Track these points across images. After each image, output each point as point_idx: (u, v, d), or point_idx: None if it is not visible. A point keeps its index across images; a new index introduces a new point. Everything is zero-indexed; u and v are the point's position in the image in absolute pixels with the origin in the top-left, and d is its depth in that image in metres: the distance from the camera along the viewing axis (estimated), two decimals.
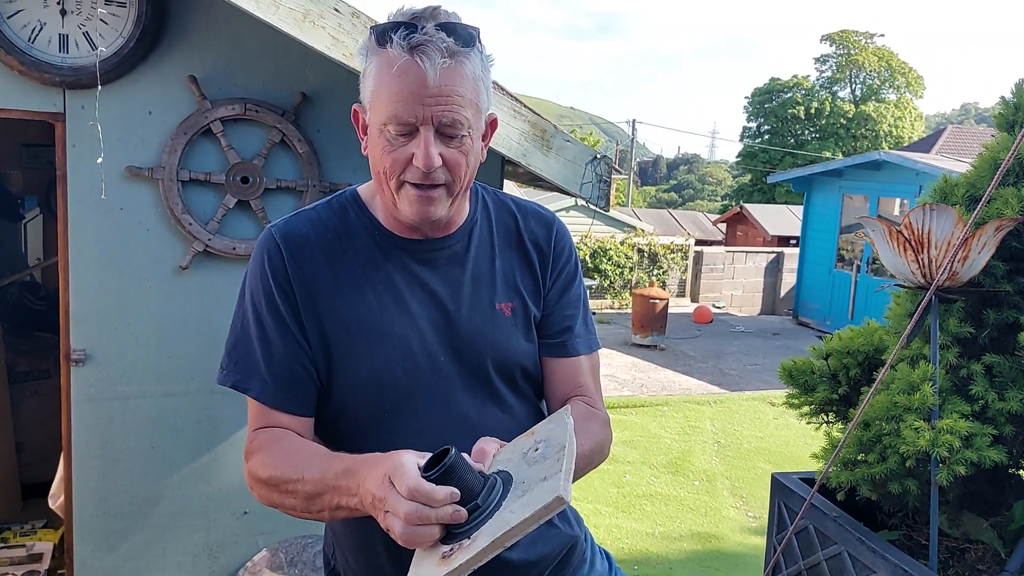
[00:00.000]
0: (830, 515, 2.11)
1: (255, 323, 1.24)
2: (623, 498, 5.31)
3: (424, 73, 1.09)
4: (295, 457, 1.15)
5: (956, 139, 22.04)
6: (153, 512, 2.96)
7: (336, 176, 2.99)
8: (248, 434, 1.25)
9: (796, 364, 2.41)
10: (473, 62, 1.14)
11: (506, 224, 1.36)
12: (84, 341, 2.80)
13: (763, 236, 20.11)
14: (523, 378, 1.34)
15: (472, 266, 1.30)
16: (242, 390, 1.24)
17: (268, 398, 1.22)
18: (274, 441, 1.20)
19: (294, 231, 1.27)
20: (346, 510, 1.09)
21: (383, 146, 1.15)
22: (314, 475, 1.10)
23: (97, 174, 2.73)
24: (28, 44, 2.60)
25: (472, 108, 1.15)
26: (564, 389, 1.36)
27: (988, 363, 2.00)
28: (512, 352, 1.31)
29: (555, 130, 2.89)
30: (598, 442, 1.31)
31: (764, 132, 37.01)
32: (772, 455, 6.35)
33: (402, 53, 1.09)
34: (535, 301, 1.35)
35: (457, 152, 1.15)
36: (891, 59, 36.70)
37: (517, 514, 0.94)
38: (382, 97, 1.13)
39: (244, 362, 1.24)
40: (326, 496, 1.09)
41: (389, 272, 1.26)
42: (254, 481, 1.20)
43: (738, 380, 9.23)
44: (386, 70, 1.12)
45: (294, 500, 1.13)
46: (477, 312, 1.29)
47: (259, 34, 2.79)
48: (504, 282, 1.32)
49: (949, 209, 1.82)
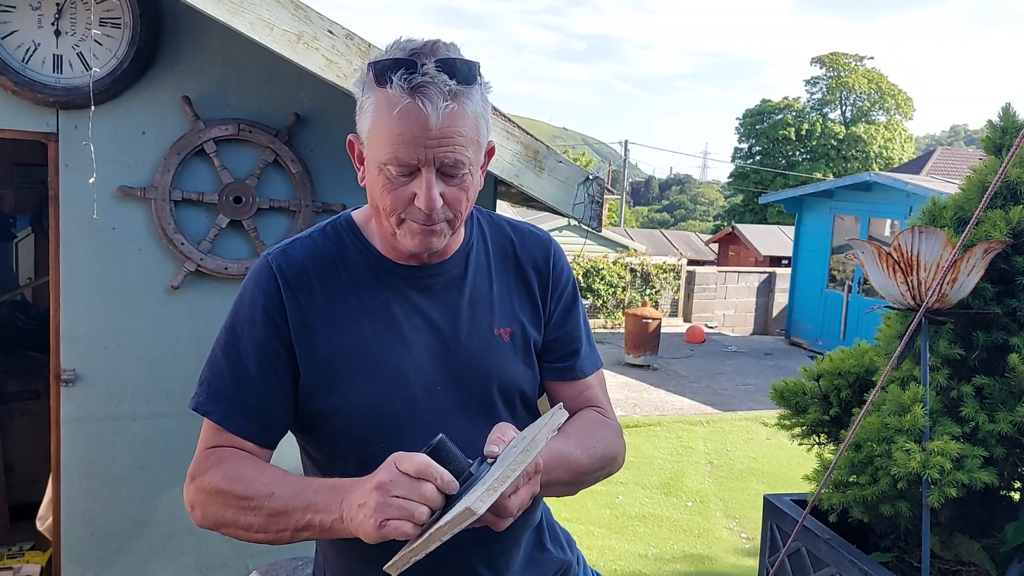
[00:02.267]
0: (823, 537, 2.11)
1: (234, 349, 1.22)
2: (616, 519, 5.29)
3: (426, 116, 1.07)
4: (264, 474, 1.13)
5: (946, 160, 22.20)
6: (142, 534, 2.93)
7: (329, 196, 3.00)
8: (197, 453, 1.22)
9: (788, 385, 2.42)
10: (474, 100, 1.12)
11: (503, 247, 1.35)
12: (75, 361, 2.79)
13: (755, 256, 20.19)
14: (522, 403, 1.33)
15: (470, 291, 1.29)
16: (203, 412, 1.22)
17: (229, 423, 1.20)
18: (235, 458, 1.18)
19: (291, 259, 1.25)
20: (312, 530, 1.07)
21: (383, 184, 1.14)
22: (286, 491, 1.09)
23: (90, 194, 2.73)
24: (22, 64, 2.61)
25: (473, 146, 1.14)
26: (575, 407, 1.36)
27: (978, 385, 2.00)
28: (512, 377, 1.30)
29: (548, 151, 2.90)
30: (611, 450, 1.30)
31: (755, 153, 37.25)
32: (765, 475, 6.34)
33: (403, 95, 1.07)
34: (534, 324, 1.34)
35: (458, 189, 1.15)
36: (881, 81, 37.05)
37: (442, 520, 0.94)
38: (382, 138, 1.11)
39: (212, 385, 1.22)
40: (295, 514, 1.07)
41: (386, 300, 1.24)
42: (207, 495, 1.16)
43: (731, 400, 9.22)
44: (386, 111, 1.10)
45: (253, 518, 1.11)
46: (475, 338, 1.27)
47: (253, 55, 2.81)
48: (502, 306, 1.31)
49: (938, 231, 1.83)
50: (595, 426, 1.30)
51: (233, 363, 1.22)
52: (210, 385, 1.22)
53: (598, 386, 1.40)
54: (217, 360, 1.23)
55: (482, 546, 1.24)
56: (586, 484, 1.26)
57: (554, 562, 1.39)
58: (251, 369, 1.21)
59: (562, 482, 1.19)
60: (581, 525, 5.09)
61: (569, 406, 1.33)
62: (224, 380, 1.22)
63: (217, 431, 1.21)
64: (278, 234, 2.96)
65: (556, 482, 1.17)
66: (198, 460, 1.21)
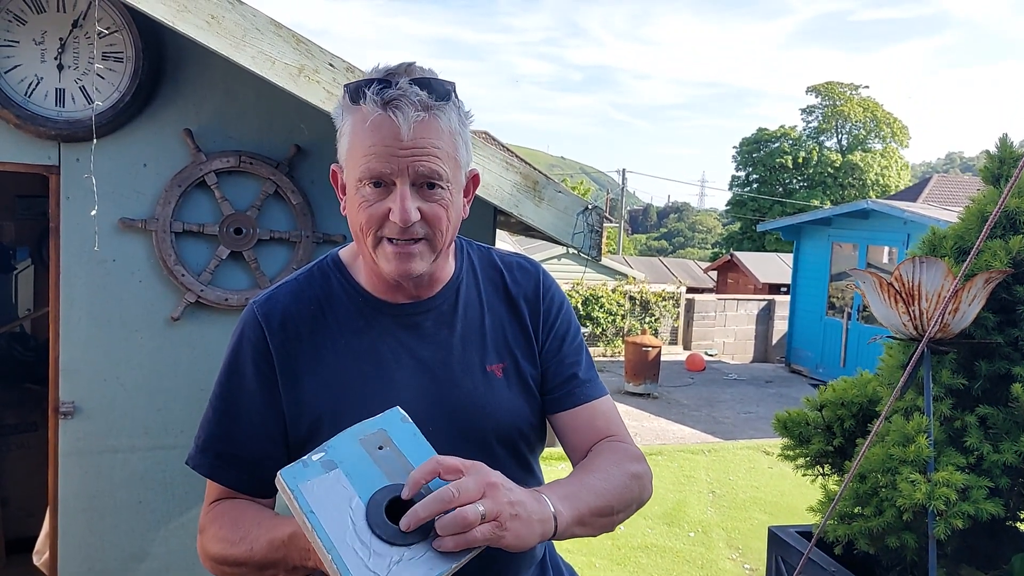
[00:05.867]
0: (828, 570, 2.09)
1: (223, 400, 1.22)
2: (617, 550, 5.24)
3: (398, 127, 1.07)
4: (243, 527, 1.13)
5: (942, 187, 22.32)
6: (139, 568, 2.90)
7: (329, 227, 3.00)
8: (203, 508, 1.23)
9: (790, 415, 2.40)
10: (449, 116, 1.11)
11: (493, 280, 1.33)
12: (74, 393, 2.77)
13: (754, 284, 20.20)
14: (522, 442, 1.29)
15: (461, 327, 1.26)
16: (193, 467, 1.22)
17: (222, 478, 1.20)
18: (225, 513, 1.18)
19: (276, 306, 1.23)
20: (302, 570, 1.08)
21: (359, 202, 1.12)
22: (262, 548, 1.09)
23: (90, 226, 2.73)
24: (24, 98, 2.63)
25: (450, 161, 1.12)
26: (586, 438, 1.30)
27: (982, 415, 2.00)
28: (507, 414, 1.25)
29: (547, 181, 2.91)
30: (634, 484, 1.21)
31: (753, 181, 37.43)
32: (768, 505, 6.29)
33: (375, 108, 1.08)
34: (528, 358, 1.30)
35: (436, 205, 1.12)
36: (876, 110, 37.36)
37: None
38: (356, 154, 1.11)
39: (203, 439, 1.22)
40: (279, 564, 1.08)
41: (372, 340, 1.22)
42: (206, 558, 1.18)
43: (732, 429, 9.17)
44: (360, 126, 1.10)
45: (247, 572, 1.12)
46: (468, 377, 1.24)
47: (254, 88, 2.82)
48: (494, 342, 1.28)
49: (939, 262, 1.83)
50: (613, 461, 1.22)
51: (222, 415, 1.21)
52: (200, 438, 1.23)
53: (609, 412, 1.34)
54: (207, 413, 1.23)
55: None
56: (619, 520, 1.19)
57: None
58: (240, 420, 1.20)
59: (594, 527, 1.13)
60: (582, 557, 5.04)
61: (580, 442, 1.30)
62: (211, 432, 1.22)
63: (214, 484, 1.22)
64: (279, 265, 2.96)
65: (586, 528, 1.11)
66: (203, 515, 1.22)
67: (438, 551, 0.93)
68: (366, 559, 0.91)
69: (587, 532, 1.13)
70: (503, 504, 0.96)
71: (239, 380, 1.21)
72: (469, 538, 0.93)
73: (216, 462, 1.20)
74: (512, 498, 0.98)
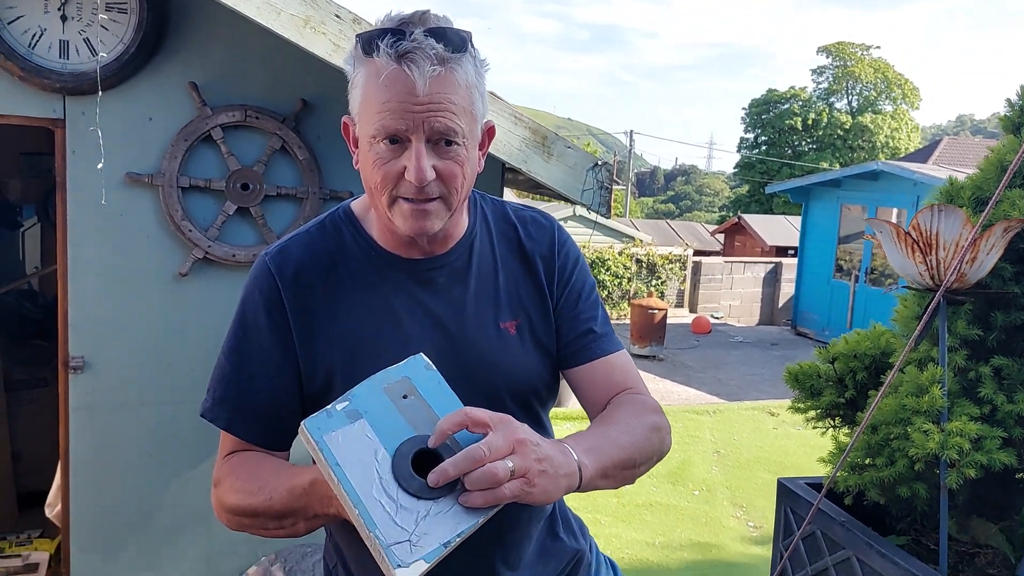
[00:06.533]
0: (838, 520, 2.09)
1: (237, 353, 1.20)
2: (623, 508, 5.28)
3: (413, 82, 1.03)
4: (264, 479, 1.12)
5: (952, 150, 22.13)
6: (151, 521, 2.93)
7: (336, 183, 2.98)
8: (217, 461, 1.22)
9: (802, 368, 2.39)
10: (465, 68, 1.08)
11: (507, 235, 1.30)
12: (82, 348, 2.78)
13: (761, 246, 20.14)
14: (535, 399, 1.28)
15: (474, 283, 1.24)
16: (210, 419, 1.21)
17: (239, 431, 1.19)
18: (241, 464, 1.17)
19: (288, 258, 1.21)
20: (322, 519, 1.08)
21: (373, 160, 1.09)
22: (282, 496, 1.08)
23: (97, 180, 2.71)
24: (28, 50, 2.60)
25: (466, 116, 1.09)
26: (603, 392, 1.29)
27: (996, 366, 1.98)
28: (520, 372, 1.24)
29: (556, 137, 2.88)
30: (654, 435, 1.20)
31: (761, 143, 37.15)
32: (772, 464, 6.32)
33: (389, 62, 1.04)
34: (542, 316, 1.28)
35: (451, 163, 1.09)
36: (887, 71, 36.90)
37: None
38: (370, 109, 1.07)
39: (218, 391, 1.21)
40: (299, 514, 1.08)
41: (386, 295, 1.20)
42: (222, 509, 1.17)
43: (737, 390, 9.21)
44: (373, 80, 1.06)
45: (266, 523, 1.12)
46: (482, 333, 1.23)
47: (260, 40, 2.78)
48: (508, 299, 1.26)
49: (957, 210, 1.80)
50: (633, 413, 1.21)
51: (237, 368, 1.20)
52: (215, 391, 1.21)
53: (626, 366, 1.32)
54: (222, 365, 1.22)
55: (493, 542, 1.21)
56: (640, 473, 1.19)
57: (567, 551, 1.36)
58: (256, 373, 1.19)
59: (616, 479, 1.13)
60: (588, 514, 5.08)
61: (598, 396, 1.29)
62: (229, 385, 1.20)
63: (229, 437, 1.21)
64: (285, 221, 2.95)
65: (609, 480, 1.11)
66: (217, 467, 1.21)
67: (465, 506, 0.93)
68: (393, 514, 0.91)
69: (609, 484, 1.13)
70: (531, 461, 0.97)
71: (254, 333, 1.19)
72: (498, 495, 0.93)
73: (233, 415, 1.19)
74: (540, 454, 0.98)
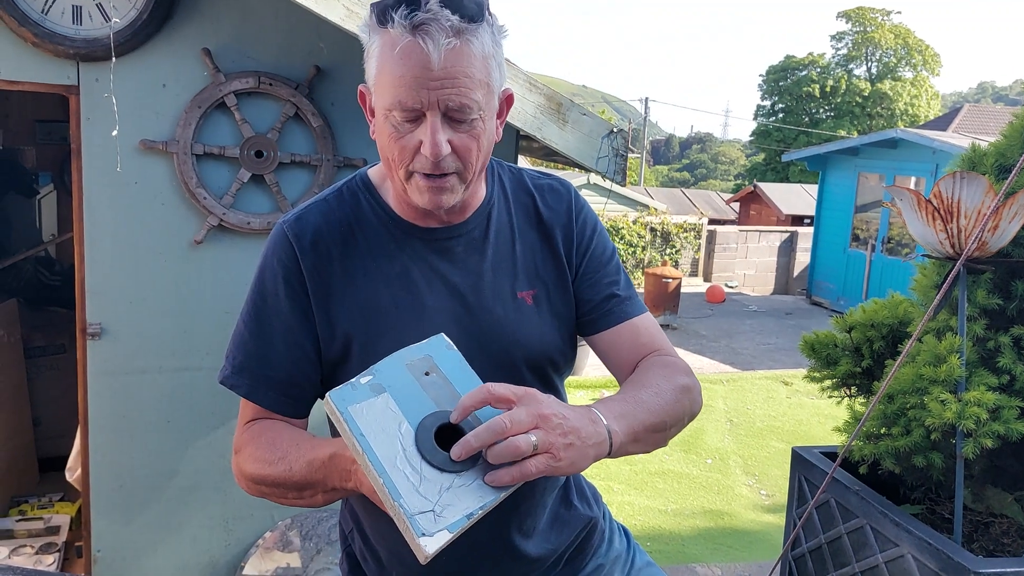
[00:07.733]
0: (852, 488, 2.09)
1: (256, 321, 1.20)
2: (636, 475, 5.31)
3: (427, 55, 1.01)
4: (284, 450, 1.13)
5: (973, 118, 21.77)
6: (169, 485, 2.97)
7: (350, 151, 2.96)
8: (237, 428, 1.22)
9: (818, 337, 2.38)
10: (482, 39, 1.05)
11: (524, 204, 1.30)
12: (100, 315, 2.80)
13: (777, 215, 19.99)
14: (553, 371, 1.28)
15: (492, 253, 1.24)
16: (229, 386, 1.21)
17: (260, 398, 1.19)
18: (261, 433, 1.18)
19: (306, 226, 1.21)
20: (340, 492, 1.08)
21: (389, 133, 1.08)
22: (301, 467, 1.09)
23: (112, 147, 2.71)
24: (42, 15, 2.58)
25: (483, 89, 1.07)
26: (631, 355, 1.28)
27: (1016, 335, 1.96)
28: (537, 342, 1.24)
29: (571, 104, 2.85)
30: (683, 397, 1.20)
31: (778, 111, 36.71)
32: (785, 434, 6.33)
33: (404, 33, 1.02)
34: (559, 285, 1.28)
35: (467, 136, 1.08)
36: (908, 37, 36.26)
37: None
38: (385, 81, 1.06)
39: (237, 359, 1.21)
40: (317, 486, 1.09)
41: (404, 264, 1.20)
42: (242, 476, 1.18)
43: (751, 359, 9.19)
44: (388, 52, 1.04)
45: (285, 493, 1.13)
46: (499, 303, 1.23)
47: (273, 6, 2.76)
48: (525, 268, 1.26)
49: (980, 177, 1.77)
50: (662, 375, 1.21)
51: (256, 336, 1.20)
52: (235, 358, 1.21)
53: (652, 328, 1.31)
54: (240, 333, 1.22)
55: (508, 510, 1.22)
56: (672, 435, 1.19)
57: (581, 518, 1.37)
58: (275, 341, 1.19)
59: (647, 443, 1.13)
60: (601, 481, 5.11)
61: (626, 357, 1.28)
62: (248, 353, 1.20)
63: (249, 404, 1.21)
64: (300, 189, 2.94)
65: (640, 445, 1.11)
66: (237, 435, 1.22)
67: (491, 485, 0.94)
68: (416, 484, 0.92)
69: (640, 449, 1.13)
70: (556, 435, 0.97)
71: (272, 300, 1.19)
72: (524, 470, 0.94)
73: (254, 383, 1.19)
74: (566, 427, 0.98)
